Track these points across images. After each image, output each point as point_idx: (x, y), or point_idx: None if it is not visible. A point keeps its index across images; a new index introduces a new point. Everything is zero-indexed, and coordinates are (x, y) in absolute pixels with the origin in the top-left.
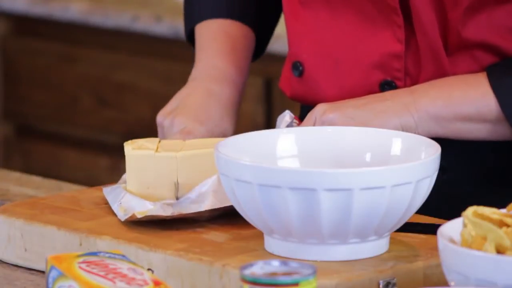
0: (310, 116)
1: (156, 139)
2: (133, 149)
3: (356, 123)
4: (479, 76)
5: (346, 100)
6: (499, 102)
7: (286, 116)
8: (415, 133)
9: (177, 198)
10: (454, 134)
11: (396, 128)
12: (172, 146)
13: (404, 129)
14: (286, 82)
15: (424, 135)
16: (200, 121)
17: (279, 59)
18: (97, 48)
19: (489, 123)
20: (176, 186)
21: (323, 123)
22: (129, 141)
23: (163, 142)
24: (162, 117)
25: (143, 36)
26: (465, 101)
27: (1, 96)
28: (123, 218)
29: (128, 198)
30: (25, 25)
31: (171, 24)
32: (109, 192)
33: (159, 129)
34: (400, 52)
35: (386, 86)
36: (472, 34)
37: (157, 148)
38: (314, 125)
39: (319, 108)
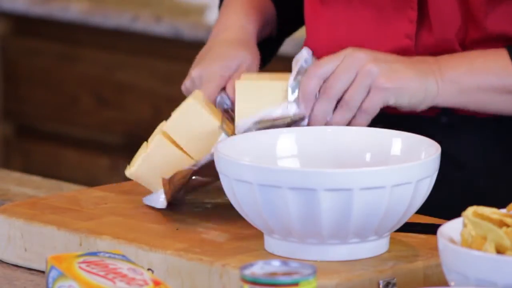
0: (339, 53)
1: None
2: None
3: (385, 66)
4: (499, 50)
5: (380, 52)
6: None
7: (303, 52)
8: (435, 99)
9: None
10: (475, 104)
11: (420, 88)
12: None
13: (428, 93)
14: None
15: (444, 104)
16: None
17: (282, 60)
18: (97, 48)
19: (508, 95)
20: None
21: (352, 58)
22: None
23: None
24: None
25: (143, 36)
26: (487, 72)
27: (1, 96)
28: None
29: None
30: (25, 25)
31: (171, 24)
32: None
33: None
34: (410, 47)
35: None
36: (493, 25)
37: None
38: (343, 59)
39: (350, 48)
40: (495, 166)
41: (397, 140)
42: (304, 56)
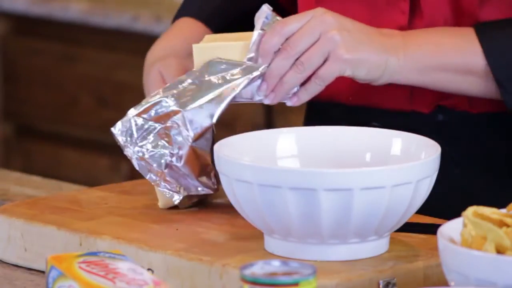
0: (308, 12)
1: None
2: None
3: (348, 36)
4: (468, 29)
5: (350, 19)
6: (485, 54)
7: (264, 8)
8: (394, 75)
9: None
10: (436, 83)
11: (380, 63)
12: None
13: (387, 68)
14: None
15: (404, 81)
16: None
17: None
18: (97, 48)
19: (473, 76)
20: None
21: (319, 21)
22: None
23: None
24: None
25: (143, 36)
26: (453, 51)
27: (1, 96)
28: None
29: None
30: (25, 25)
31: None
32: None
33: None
34: (404, 25)
35: None
36: (484, 16)
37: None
38: (309, 20)
39: (320, 9)
40: (491, 163)
41: (397, 140)
42: (265, 12)
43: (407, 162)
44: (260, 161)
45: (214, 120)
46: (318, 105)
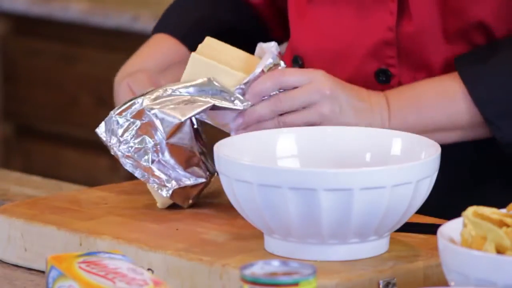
0: (310, 72)
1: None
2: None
3: (338, 113)
4: (451, 80)
5: (348, 88)
6: (470, 94)
7: (272, 45)
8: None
9: None
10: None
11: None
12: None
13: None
14: None
15: None
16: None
17: None
18: (97, 48)
19: (459, 130)
20: None
21: (316, 89)
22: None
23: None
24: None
25: (143, 36)
26: (437, 112)
27: (1, 96)
28: None
29: None
30: (25, 25)
31: None
32: None
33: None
34: (392, 40)
35: (381, 74)
36: (473, 14)
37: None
38: (308, 84)
39: (321, 73)
40: (477, 164)
41: (397, 140)
42: (271, 53)
43: (407, 162)
44: (260, 161)
45: (183, 118)
46: None
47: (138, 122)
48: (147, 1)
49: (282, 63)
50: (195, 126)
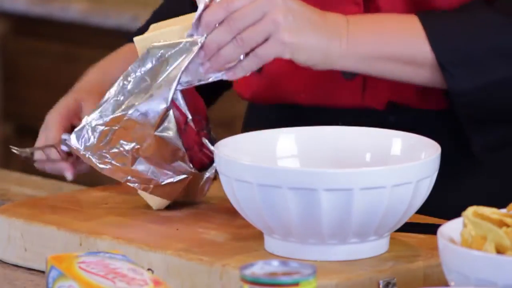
0: None
1: None
2: None
3: (292, 20)
4: (412, 17)
5: (299, 1)
6: (428, 39)
7: None
8: (337, 62)
9: None
10: (380, 72)
11: (320, 48)
12: None
13: (328, 54)
14: (243, 81)
15: (346, 68)
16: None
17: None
18: (97, 48)
19: (417, 65)
20: None
21: (266, 0)
22: None
23: None
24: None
25: None
26: (397, 40)
27: (1, 96)
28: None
29: None
30: (25, 25)
31: None
32: None
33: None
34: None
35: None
36: (442, 7)
37: None
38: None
39: None
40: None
41: (397, 140)
42: None
43: (407, 162)
44: (260, 161)
45: (168, 103)
46: (261, 108)
47: (115, 127)
48: (147, 1)
49: None
50: (177, 117)
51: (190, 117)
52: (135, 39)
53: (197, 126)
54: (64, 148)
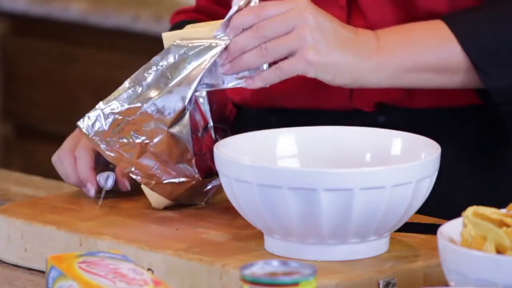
0: (291, 1)
1: None
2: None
3: (321, 38)
4: (439, 23)
5: (330, 17)
6: (461, 45)
7: None
8: (368, 80)
9: None
10: (412, 84)
11: (348, 68)
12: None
13: (358, 73)
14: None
15: (379, 85)
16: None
17: None
18: (97, 48)
19: (450, 72)
20: None
21: (297, 14)
22: None
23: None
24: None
25: (143, 36)
26: (427, 51)
27: (1, 96)
28: None
29: None
30: (25, 25)
31: None
32: None
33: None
34: (342, 19)
35: None
36: (427, 6)
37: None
38: (289, 10)
39: (303, 1)
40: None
41: (397, 140)
42: None
43: (407, 162)
44: (260, 161)
45: (186, 102)
46: (250, 112)
47: (128, 118)
48: (147, 1)
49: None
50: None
51: (211, 124)
52: (164, 34)
53: (218, 134)
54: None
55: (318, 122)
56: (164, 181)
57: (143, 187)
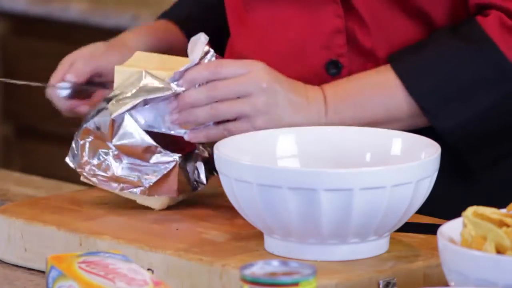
0: (248, 63)
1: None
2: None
3: (273, 109)
4: (387, 72)
5: (286, 82)
6: (407, 90)
7: (201, 37)
8: None
9: None
10: None
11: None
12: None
13: None
14: None
15: None
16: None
17: None
18: None
19: (398, 122)
20: None
21: (253, 80)
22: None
23: None
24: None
25: None
26: (375, 107)
27: (1, 96)
28: None
29: None
30: (25, 25)
31: None
32: None
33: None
34: (341, 27)
35: (331, 66)
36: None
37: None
38: (245, 74)
39: (260, 65)
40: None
41: (397, 140)
42: (202, 43)
43: (407, 162)
44: (260, 161)
45: (114, 115)
46: None
47: (88, 138)
48: (147, 1)
49: (211, 51)
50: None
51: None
52: (116, 67)
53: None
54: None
55: None
56: (154, 182)
57: (139, 201)
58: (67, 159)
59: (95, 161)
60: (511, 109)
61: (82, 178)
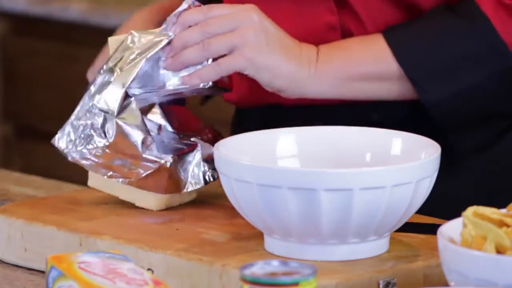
0: (239, 5)
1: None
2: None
3: (263, 39)
4: (376, 36)
5: (276, 25)
6: (395, 57)
7: None
8: (305, 89)
9: None
10: (351, 94)
11: (286, 73)
12: None
13: (295, 81)
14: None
15: (317, 95)
16: None
17: None
18: (97, 48)
19: (388, 81)
20: None
21: (243, 15)
22: None
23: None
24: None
25: None
26: (364, 60)
27: (1, 96)
28: None
29: None
30: (25, 25)
31: None
32: None
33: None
34: (335, 24)
35: None
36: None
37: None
38: (235, 11)
39: (251, 5)
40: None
41: (397, 140)
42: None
43: (407, 162)
44: (260, 161)
45: (126, 86)
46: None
47: (85, 122)
48: (147, 1)
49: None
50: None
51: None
52: (109, 39)
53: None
54: None
55: (314, 116)
56: (143, 175)
57: (137, 204)
58: (56, 138)
59: (89, 146)
60: (499, 90)
61: (70, 159)
